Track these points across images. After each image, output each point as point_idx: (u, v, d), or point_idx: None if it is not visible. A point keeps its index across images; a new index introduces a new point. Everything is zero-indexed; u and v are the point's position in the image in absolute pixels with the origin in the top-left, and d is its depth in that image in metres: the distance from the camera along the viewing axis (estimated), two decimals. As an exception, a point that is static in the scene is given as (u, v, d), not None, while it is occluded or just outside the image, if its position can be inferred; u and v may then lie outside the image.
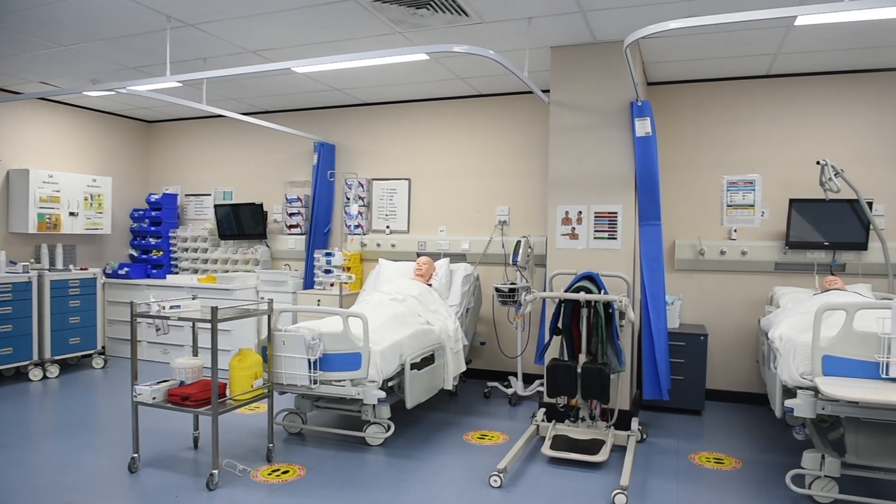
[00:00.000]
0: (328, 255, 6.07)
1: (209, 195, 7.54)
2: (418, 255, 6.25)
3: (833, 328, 3.16)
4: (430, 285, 5.41)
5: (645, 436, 4.45)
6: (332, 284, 6.21)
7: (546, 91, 4.94)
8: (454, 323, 5.11)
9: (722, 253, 5.41)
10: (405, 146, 6.53)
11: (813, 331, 3.10)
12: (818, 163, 4.58)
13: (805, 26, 4.22)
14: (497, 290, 5.32)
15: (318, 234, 6.64)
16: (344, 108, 6.79)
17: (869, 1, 3.04)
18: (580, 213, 4.76)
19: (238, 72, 4.29)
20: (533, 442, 4.29)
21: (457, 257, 6.13)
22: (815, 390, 3.09)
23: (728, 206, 5.45)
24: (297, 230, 6.93)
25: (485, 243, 6.10)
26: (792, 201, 5.08)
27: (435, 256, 6.04)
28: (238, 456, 3.93)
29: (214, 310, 3.42)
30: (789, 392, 3.39)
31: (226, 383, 3.67)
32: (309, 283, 6.56)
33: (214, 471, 3.46)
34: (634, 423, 4.38)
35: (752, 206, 5.38)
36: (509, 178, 6.09)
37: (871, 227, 4.85)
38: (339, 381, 3.97)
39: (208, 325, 3.43)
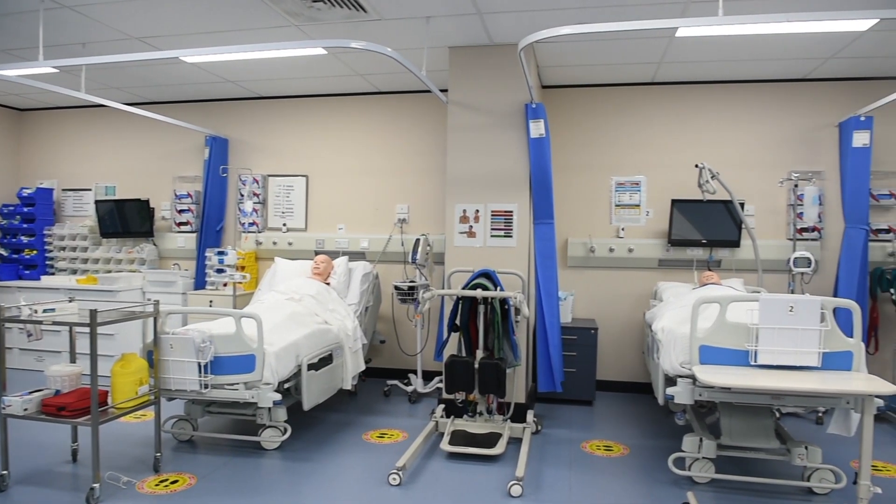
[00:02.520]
0: (221, 253, 5.84)
1: (89, 190, 7.05)
2: (316, 253, 6.14)
3: (709, 320, 3.39)
4: (328, 284, 5.33)
5: (540, 427, 4.60)
6: (225, 284, 5.98)
7: (444, 90, 4.99)
8: (353, 322, 5.05)
9: (611, 250, 5.68)
10: (303, 142, 6.39)
11: (691, 323, 3.31)
12: (697, 166, 4.88)
13: (685, 38, 4.50)
14: (396, 288, 5.31)
15: (210, 231, 6.37)
16: (238, 101, 6.55)
17: (740, 17, 3.29)
18: (477, 211, 4.84)
19: (120, 59, 4.04)
20: (432, 438, 4.32)
21: (356, 255, 6.07)
22: (693, 378, 3.31)
23: (616, 205, 5.72)
24: (188, 228, 6.62)
25: (384, 241, 6.08)
26: (674, 202, 5.41)
27: (333, 255, 5.95)
28: (122, 468, 3.71)
29: (94, 312, 3.20)
30: (671, 380, 3.61)
31: (107, 391, 3.45)
32: (200, 283, 6.28)
33: (95, 485, 3.24)
34: (530, 416, 4.51)
35: (638, 206, 5.69)
36: (409, 176, 6.10)
37: (743, 226, 5.24)
38: (232, 384, 3.83)
39: (87, 330, 3.21)
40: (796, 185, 5.23)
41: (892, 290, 4.94)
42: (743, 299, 3.39)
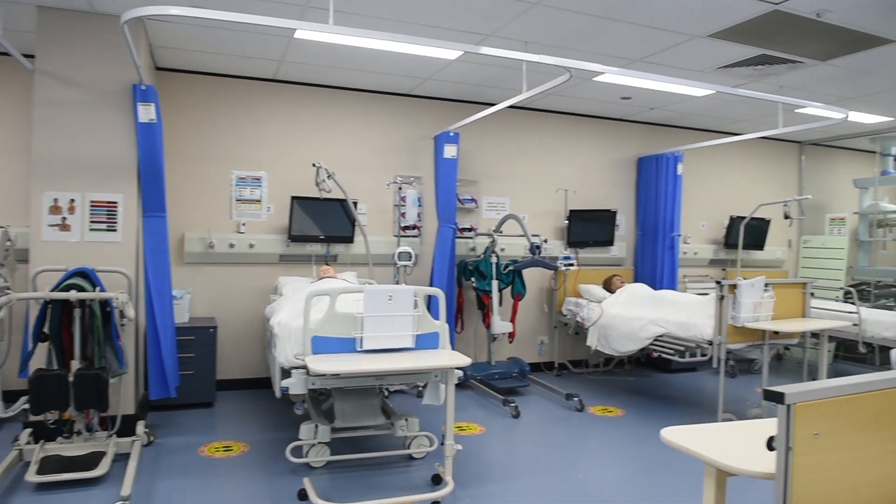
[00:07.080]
0: None
1: None
2: None
3: (322, 312, 3.57)
4: None
5: (153, 438, 4.26)
6: None
7: (31, 56, 4.23)
8: None
9: (231, 246, 5.55)
10: None
11: (303, 315, 3.44)
12: (314, 165, 5.10)
13: (304, 40, 4.64)
14: (-38, 292, 4.33)
15: None
16: None
17: (347, 29, 3.54)
18: (73, 201, 4.23)
19: None
20: (16, 470, 3.64)
21: None
22: (307, 368, 3.44)
23: (237, 200, 5.62)
24: None
25: (-55, 235, 4.89)
26: (293, 198, 5.55)
27: None
28: None
29: None
30: (287, 373, 3.69)
31: None
32: None
33: None
34: (140, 427, 4.14)
35: (260, 201, 5.68)
36: (-19, 155, 5.00)
37: (357, 223, 5.66)
38: None
39: None
40: (400, 188, 5.87)
41: (473, 279, 5.90)
42: (351, 291, 3.65)
